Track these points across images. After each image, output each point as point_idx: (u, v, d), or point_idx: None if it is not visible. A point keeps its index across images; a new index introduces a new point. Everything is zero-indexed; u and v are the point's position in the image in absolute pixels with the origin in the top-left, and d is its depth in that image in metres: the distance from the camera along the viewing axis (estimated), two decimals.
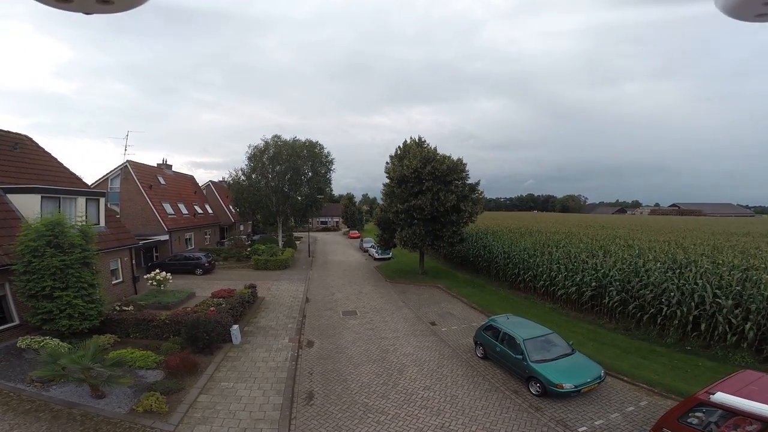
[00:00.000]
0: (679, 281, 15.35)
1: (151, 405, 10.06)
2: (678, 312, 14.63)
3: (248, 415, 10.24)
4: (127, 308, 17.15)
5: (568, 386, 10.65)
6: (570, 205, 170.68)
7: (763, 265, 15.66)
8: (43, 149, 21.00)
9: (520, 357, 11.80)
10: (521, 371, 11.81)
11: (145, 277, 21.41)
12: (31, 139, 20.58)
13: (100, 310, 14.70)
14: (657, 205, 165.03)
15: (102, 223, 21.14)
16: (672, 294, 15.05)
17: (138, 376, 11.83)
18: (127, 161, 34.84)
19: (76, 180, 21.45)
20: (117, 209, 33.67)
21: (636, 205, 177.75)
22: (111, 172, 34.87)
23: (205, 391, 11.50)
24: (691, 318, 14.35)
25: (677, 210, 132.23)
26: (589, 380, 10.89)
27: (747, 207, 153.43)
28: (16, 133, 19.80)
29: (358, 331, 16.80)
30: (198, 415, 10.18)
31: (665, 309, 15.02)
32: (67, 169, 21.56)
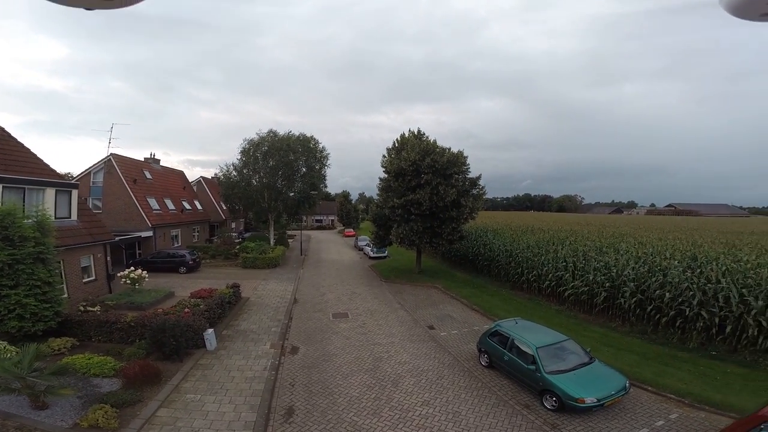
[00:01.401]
0: (699, 281, 13.92)
1: (98, 419, 8.64)
2: (702, 314, 13.20)
3: None
4: (92, 308, 15.53)
5: (589, 400, 9.19)
6: (566, 205, 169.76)
7: None
8: (16, 140, 19.26)
9: (533, 367, 10.29)
10: (534, 383, 10.30)
11: (118, 275, 19.73)
12: (2, 129, 18.87)
13: (57, 310, 13.20)
14: (653, 205, 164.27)
15: (74, 216, 19.57)
16: (693, 294, 13.62)
17: (92, 385, 10.45)
18: (111, 154, 33.08)
19: (48, 171, 19.73)
20: (99, 204, 32.11)
21: (632, 205, 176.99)
22: (94, 165, 33.11)
23: (167, 404, 10.00)
24: (716, 320, 12.91)
25: (673, 210, 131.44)
26: (612, 393, 9.47)
27: (741, 208, 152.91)
28: None
29: (349, 336, 15.22)
30: None
31: (687, 311, 13.59)
32: (41, 160, 19.78)
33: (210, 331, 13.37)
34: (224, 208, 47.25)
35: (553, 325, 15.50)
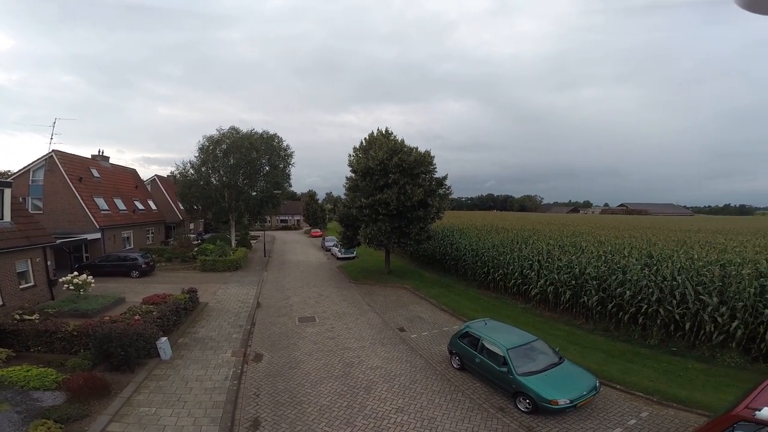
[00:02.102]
0: (657, 278, 14.47)
1: None
2: (660, 311, 13.72)
3: None
4: (30, 317, 13.97)
5: (563, 401, 9.18)
6: (527, 204, 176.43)
7: (738, 260, 15.08)
8: None
9: (505, 369, 10.19)
10: (507, 385, 10.19)
11: (60, 280, 17.99)
12: None
13: None
14: (606, 205, 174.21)
15: (7, 217, 17.72)
16: (651, 291, 14.14)
17: (32, 399, 9.42)
18: (53, 151, 30.31)
19: None
20: (40, 204, 29.36)
21: (587, 205, 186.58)
22: (33, 163, 30.16)
23: (118, 418, 9.15)
24: (675, 317, 13.45)
25: (625, 210, 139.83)
26: (584, 393, 9.52)
27: (685, 207, 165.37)
28: None
29: (317, 341, 14.59)
30: None
31: (645, 307, 14.09)
32: None
33: (164, 339, 12.34)
34: (182, 208, 44.86)
35: (520, 323, 15.68)
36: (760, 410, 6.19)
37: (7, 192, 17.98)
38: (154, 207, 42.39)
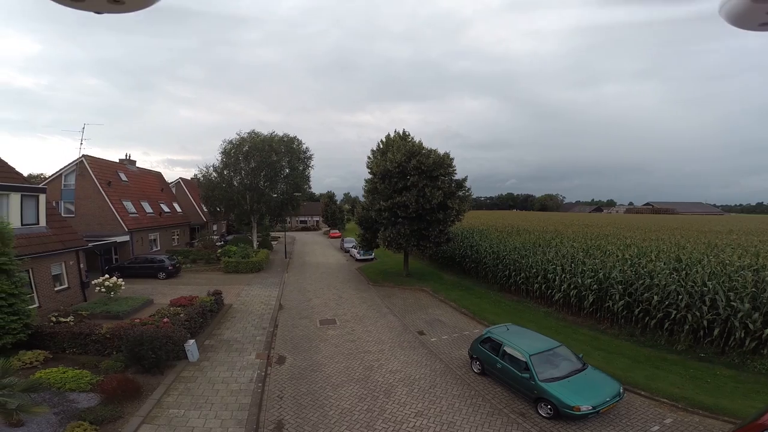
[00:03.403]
0: (686, 283, 14.04)
1: None
2: (689, 317, 13.32)
3: None
4: (65, 319, 14.67)
5: (585, 408, 9.08)
6: (548, 204, 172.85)
7: None
8: None
9: (527, 375, 10.11)
10: (528, 391, 10.13)
11: (93, 283, 18.78)
12: None
13: (26, 322, 12.39)
14: (631, 204, 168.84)
15: (42, 222, 18.58)
16: (680, 297, 13.73)
17: (69, 400, 9.80)
18: (83, 156, 31.64)
19: (14, 175, 18.58)
20: (72, 208, 30.72)
21: (611, 204, 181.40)
22: (65, 167, 31.59)
23: (149, 420, 9.46)
24: (704, 323, 13.04)
25: (651, 209, 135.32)
26: (607, 399, 9.41)
27: (715, 206, 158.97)
28: None
29: (338, 344, 14.79)
30: None
31: (674, 313, 13.70)
32: (5, 163, 18.63)
33: (191, 341, 12.74)
34: (205, 210, 46.03)
35: (543, 327, 15.51)
36: None
37: (42, 198, 18.76)
38: (179, 209, 43.66)
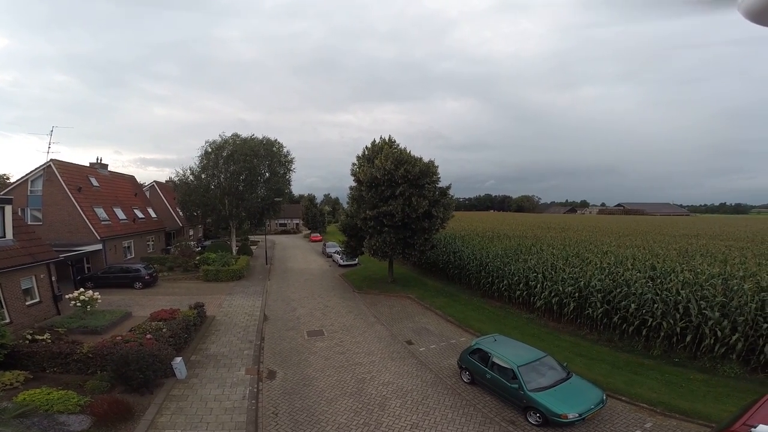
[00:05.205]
0: (661, 292, 14.82)
1: None
2: (664, 324, 14.07)
3: None
4: (41, 336, 14.02)
5: (572, 415, 9.58)
6: (525, 205, 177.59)
7: (741, 273, 15.51)
8: None
9: (516, 386, 10.49)
10: (517, 400, 10.51)
11: (67, 297, 18.00)
12: None
13: (1, 342, 11.81)
14: (603, 204, 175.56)
15: (9, 235, 17.66)
16: (656, 305, 14.48)
17: (59, 423, 9.38)
18: (51, 160, 30.16)
19: None
20: (39, 215, 29.26)
21: (584, 204, 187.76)
22: (31, 173, 29.97)
23: None
24: (678, 330, 13.81)
25: (622, 209, 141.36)
26: (592, 407, 9.93)
27: (681, 206, 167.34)
28: None
29: (328, 356, 14.78)
30: None
31: (651, 321, 14.44)
32: None
33: (178, 359, 12.46)
34: (181, 215, 44.78)
35: (526, 334, 16.03)
36: (756, 427, 6.50)
37: (8, 209, 17.70)
38: (153, 214, 42.26)
